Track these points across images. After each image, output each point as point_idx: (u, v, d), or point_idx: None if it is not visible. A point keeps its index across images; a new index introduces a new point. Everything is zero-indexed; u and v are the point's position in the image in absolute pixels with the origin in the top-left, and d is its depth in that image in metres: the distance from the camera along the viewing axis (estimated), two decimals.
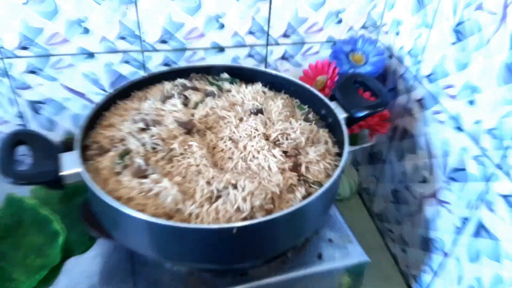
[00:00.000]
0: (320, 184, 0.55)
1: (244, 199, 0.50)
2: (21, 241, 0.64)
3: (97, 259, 0.63)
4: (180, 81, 0.67)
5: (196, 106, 0.62)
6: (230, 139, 0.59)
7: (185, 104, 0.63)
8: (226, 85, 0.68)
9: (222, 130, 0.60)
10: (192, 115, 0.61)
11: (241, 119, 0.61)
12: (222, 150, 0.58)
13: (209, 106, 0.62)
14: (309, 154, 0.58)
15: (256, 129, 0.59)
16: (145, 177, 0.52)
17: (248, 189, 0.51)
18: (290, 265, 0.61)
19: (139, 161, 0.53)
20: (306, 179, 0.56)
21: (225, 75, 0.72)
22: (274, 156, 0.56)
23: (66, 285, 0.59)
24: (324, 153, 0.59)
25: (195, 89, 0.66)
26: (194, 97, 0.63)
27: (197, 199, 0.50)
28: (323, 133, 0.63)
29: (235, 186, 0.52)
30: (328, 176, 0.58)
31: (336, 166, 0.59)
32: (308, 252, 0.63)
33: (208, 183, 0.52)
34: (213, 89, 0.65)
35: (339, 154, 0.61)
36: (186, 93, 0.64)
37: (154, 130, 0.56)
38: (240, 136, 0.59)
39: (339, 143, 0.62)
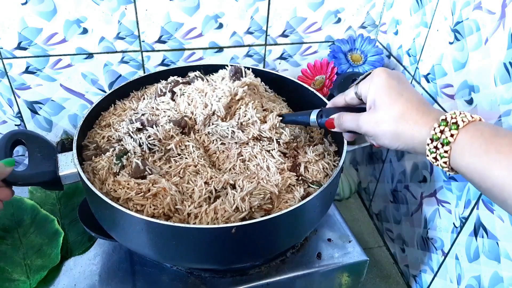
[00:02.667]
0: (319, 184, 0.55)
1: (243, 199, 0.50)
2: (21, 241, 0.64)
3: (96, 259, 0.63)
4: (172, 78, 0.66)
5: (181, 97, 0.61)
6: (220, 140, 0.58)
7: (174, 99, 0.62)
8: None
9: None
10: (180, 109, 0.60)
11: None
12: (215, 152, 0.58)
13: (187, 93, 0.60)
14: (307, 154, 0.58)
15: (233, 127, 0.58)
16: (143, 177, 0.52)
17: (246, 189, 0.51)
18: (290, 265, 0.61)
19: (137, 161, 0.53)
20: (305, 179, 0.56)
21: None
22: (272, 156, 0.56)
23: (66, 285, 0.59)
24: (322, 152, 0.59)
25: (187, 83, 0.65)
26: (181, 90, 0.62)
27: (195, 199, 0.50)
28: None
29: (233, 186, 0.52)
30: (327, 176, 0.58)
31: (335, 165, 0.59)
32: (308, 252, 0.63)
33: (207, 183, 0.52)
34: (196, 74, 0.64)
35: (338, 154, 0.61)
36: (177, 88, 0.63)
37: (150, 130, 0.56)
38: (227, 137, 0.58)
39: (338, 142, 0.62)
